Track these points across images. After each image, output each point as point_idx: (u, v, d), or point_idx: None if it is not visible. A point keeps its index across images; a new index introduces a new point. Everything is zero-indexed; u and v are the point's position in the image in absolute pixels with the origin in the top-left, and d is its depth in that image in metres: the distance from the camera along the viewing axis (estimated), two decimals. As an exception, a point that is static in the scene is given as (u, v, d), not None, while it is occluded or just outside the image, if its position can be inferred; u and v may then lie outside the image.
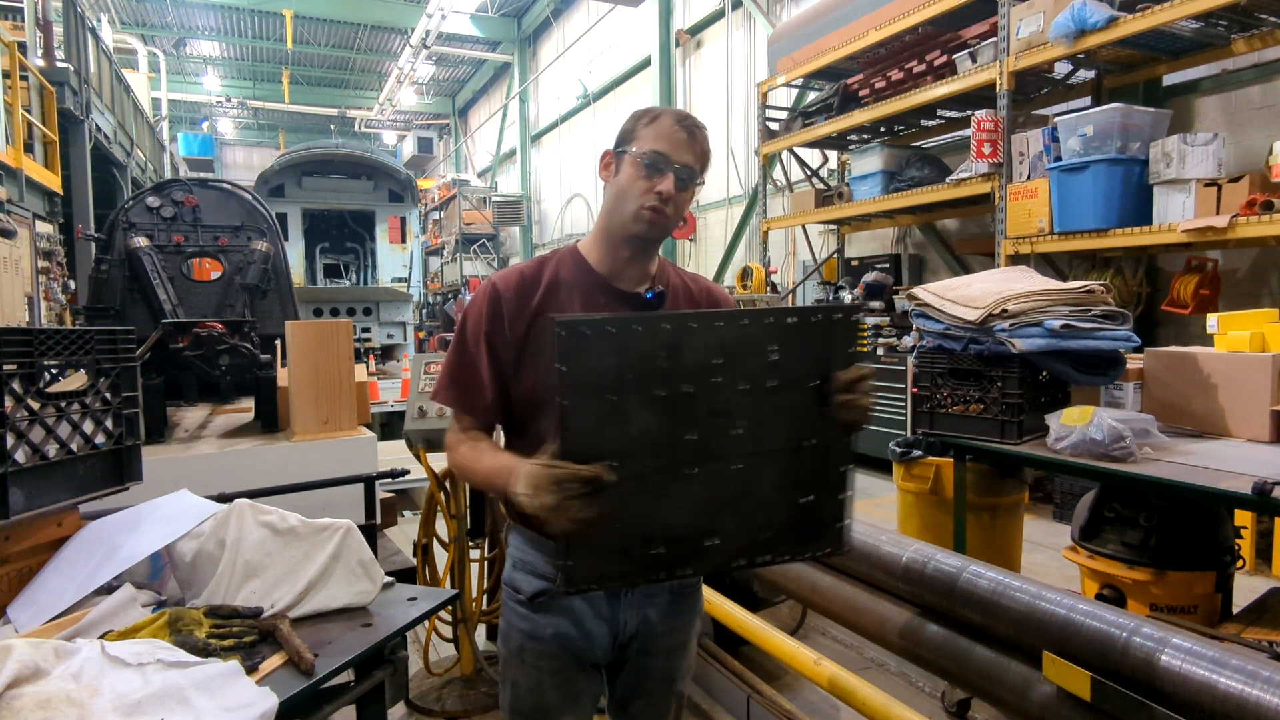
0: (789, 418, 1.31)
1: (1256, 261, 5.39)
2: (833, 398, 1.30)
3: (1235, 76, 5.55)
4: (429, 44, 16.08)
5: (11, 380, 1.53)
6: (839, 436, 1.34)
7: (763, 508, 1.33)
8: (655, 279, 1.58)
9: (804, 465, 1.34)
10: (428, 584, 3.06)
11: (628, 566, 1.27)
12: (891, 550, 1.92)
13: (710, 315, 1.27)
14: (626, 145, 1.48)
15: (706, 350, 1.22)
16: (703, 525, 1.30)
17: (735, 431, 1.26)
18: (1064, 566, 3.42)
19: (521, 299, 1.49)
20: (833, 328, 1.30)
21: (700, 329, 1.22)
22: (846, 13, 7.34)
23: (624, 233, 1.49)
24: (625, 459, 1.19)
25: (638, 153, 1.46)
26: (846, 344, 1.32)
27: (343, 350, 3.45)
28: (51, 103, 8.43)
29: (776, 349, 1.26)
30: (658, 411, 1.21)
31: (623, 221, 1.48)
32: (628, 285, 1.54)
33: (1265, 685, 1.25)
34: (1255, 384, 2.74)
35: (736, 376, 1.25)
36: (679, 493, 1.26)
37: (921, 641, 1.83)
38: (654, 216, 1.46)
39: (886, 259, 8.22)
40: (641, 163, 1.45)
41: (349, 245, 15.40)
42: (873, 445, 6.98)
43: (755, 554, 1.37)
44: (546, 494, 1.16)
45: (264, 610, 1.47)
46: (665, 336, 1.20)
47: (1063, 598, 1.58)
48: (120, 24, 17.66)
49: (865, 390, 1.31)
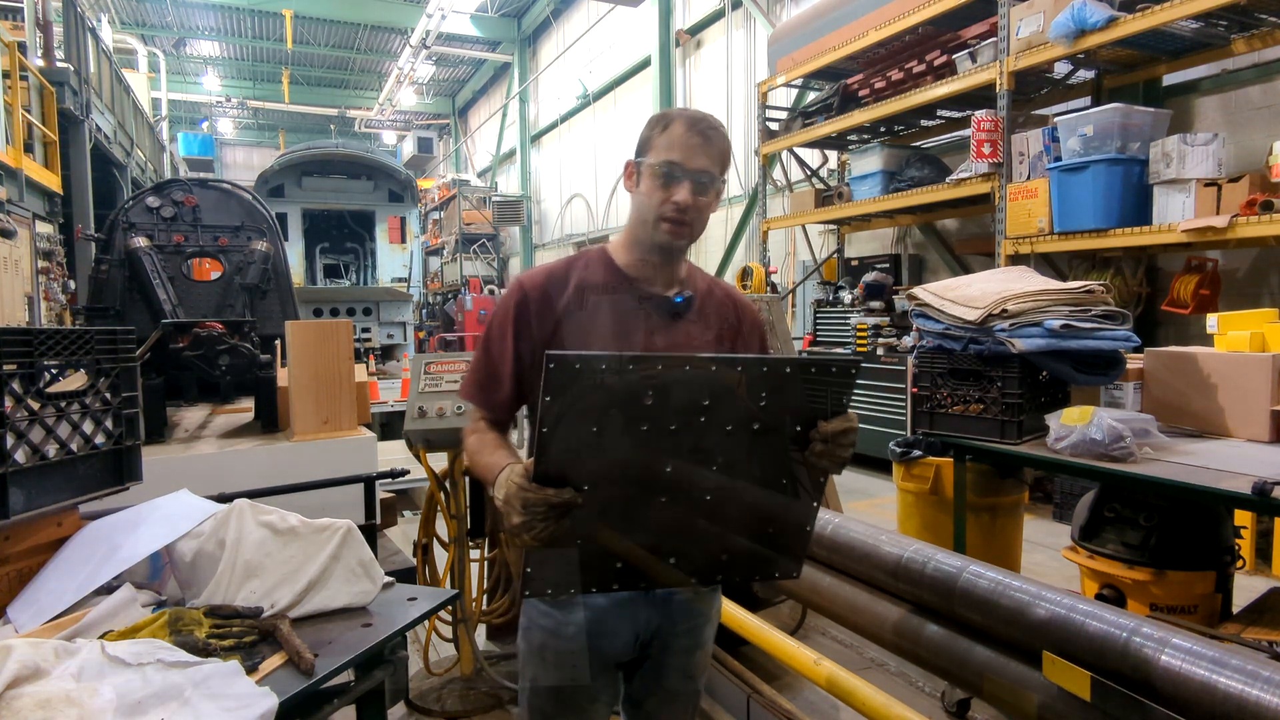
0: (766, 458, 1.33)
1: (1256, 261, 5.39)
2: (813, 444, 1.30)
3: (1235, 76, 5.55)
4: (429, 44, 16.09)
5: (11, 380, 1.53)
6: (813, 477, 1.36)
7: (727, 534, 1.36)
8: (684, 283, 1.59)
9: (773, 499, 1.36)
10: (428, 584, 3.06)
11: (586, 578, 1.32)
12: (891, 550, 1.92)
13: (706, 360, 1.26)
14: (644, 155, 1.50)
15: (696, 392, 1.22)
16: (665, 546, 1.33)
17: (711, 468, 1.28)
18: (1064, 566, 3.42)
19: (547, 300, 1.51)
20: (829, 378, 1.30)
21: (693, 372, 1.22)
22: (846, 13, 7.34)
23: (650, 241, 1.52)
24: (598, 485, 1.22)
25: (654, 163, 1.47)
26: (840, 394, 1.31)
27: (343, 350, 3.45)
28: (51, 103, 8.44)
29: (766, 396, 1.27)
30: (637, 445, 1.22)
31: (647, 231, 1.51)
32: (658, 289, 1.56)
33: (1265, 685, 1.25)
34: (1255, 384, 2.74)
35: (722, 419, 1.25)
36: (646, 517, 1.29)
37: (921, 641, 1.83)
38: (673, 227, 1.49)
39: (886, 259, 8.22)
40: (658, 173, 1.47)
41: (349, 245, 15.40)
42: (872, 445, 7.00)
43: (712, 574, 1.43)
44: (515, 513, 1.20)
45: (264, 610, 1.47)
46: (657, 377, 1.20)
47: (1062, 598, 1.58)
48: (120, 24, 17.66)
49: (847, 444, 1.31)
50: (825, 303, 8.34)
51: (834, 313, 8.02)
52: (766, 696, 2.67)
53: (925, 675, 3.09)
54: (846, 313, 7.78)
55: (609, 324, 1.51)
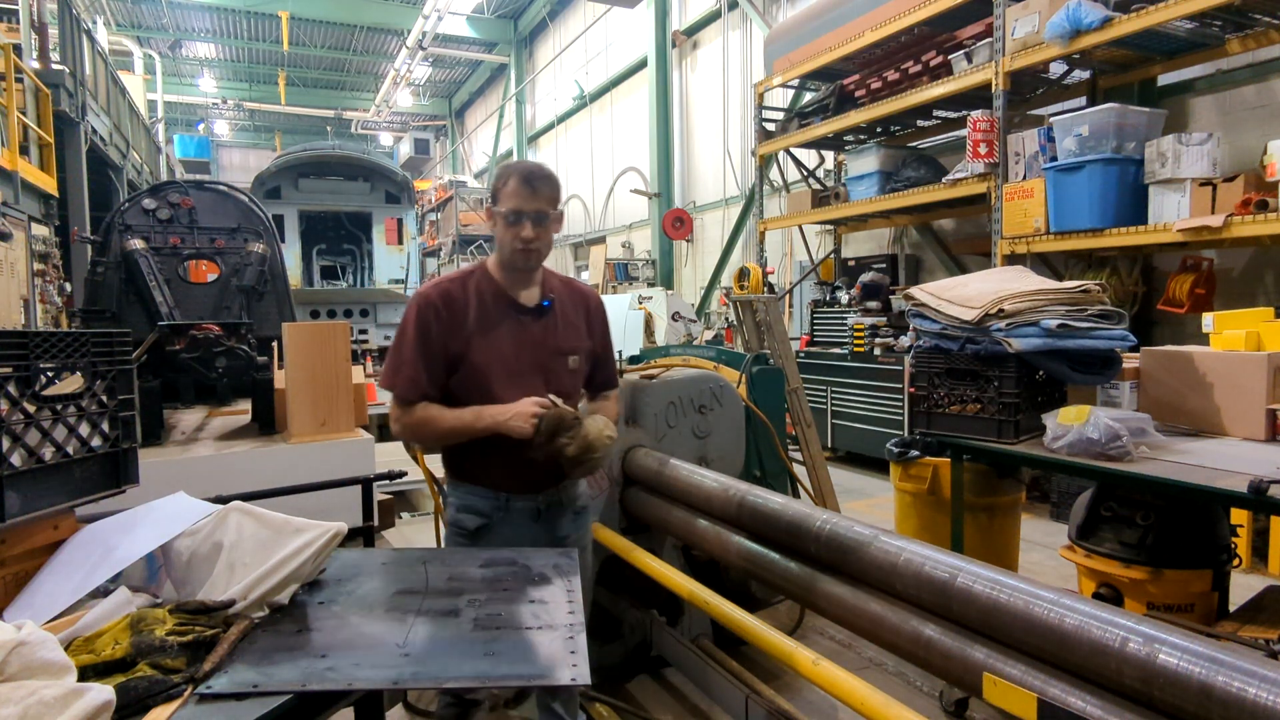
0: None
1: (1252, 261, 5.41)
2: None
3: (1230, 76, 5.57)
4: (425, 45, 16.08)
5: (7, 383, 1.53)
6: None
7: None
8: (544, 289, 2.14)
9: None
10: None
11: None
12: (888, 550, 1.92)
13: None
14: (495, 204, 2.03)
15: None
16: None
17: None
18: (1061, 565, 3.42)
19: (456, 310, 2.04)
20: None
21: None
22: (843, 14, 7.35)
23: (510, 265, 2.07)
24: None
25: (501, 211, 2.01)
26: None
27: (340, 352, 3.45)
28: (47, 105, 8.41)
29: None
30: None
31: (509, 258, 2.06)
32: (527, 299, 2.11)
33: (1263, 684, 1.25)
34: (1251, 383, 2.75)
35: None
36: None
37: (919, 641, 1.83)
38: (524, 255, 2.03)
39: (883, 259, 8.23)
40: (506, 219, 2.00)
41: (346, 247, 15.36)
42: (870, 445, 7.01)
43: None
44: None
45: (237, 601, 1.45)
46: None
47: (1060, 597, 1.58)
48: (116, 26, 17.64)
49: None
50: (822, 303, 8.34)
51: (831, 313, 8.03)
52: (765, 696, 2.67)
53: (923, 675, 3.09)
54: (844, 313, 7.78)
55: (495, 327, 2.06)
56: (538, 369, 2.08)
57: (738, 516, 2.46)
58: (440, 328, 2.02)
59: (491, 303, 2.07)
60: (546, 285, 2.16)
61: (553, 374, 2.11)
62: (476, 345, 2.04)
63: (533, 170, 2.01)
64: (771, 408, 3.64)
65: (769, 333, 4.48)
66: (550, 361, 2.11)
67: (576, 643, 1.41)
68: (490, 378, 2.03)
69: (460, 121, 25.59)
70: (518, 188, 1.98)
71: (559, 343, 2.13)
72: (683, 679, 3.13)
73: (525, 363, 2.07)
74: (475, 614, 1.51)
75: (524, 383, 2.04)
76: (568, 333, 2.15)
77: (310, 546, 1.55)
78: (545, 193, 2.00)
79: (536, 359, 2.09)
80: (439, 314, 2.02)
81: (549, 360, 2.11)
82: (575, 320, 2.18)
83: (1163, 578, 2.56)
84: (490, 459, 2.06)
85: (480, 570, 1.76)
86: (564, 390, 2.11)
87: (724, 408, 3.29)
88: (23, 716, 1.05)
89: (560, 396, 2.07)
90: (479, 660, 1.35)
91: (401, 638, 1.40)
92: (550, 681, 1.32)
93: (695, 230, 12.57)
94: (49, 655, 1.17)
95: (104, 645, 1.30)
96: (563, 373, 2.13)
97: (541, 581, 1.70)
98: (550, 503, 2.15)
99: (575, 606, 1.57)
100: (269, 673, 1.27)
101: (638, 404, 3.09)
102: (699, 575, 2.74)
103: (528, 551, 1.93)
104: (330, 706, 1.34)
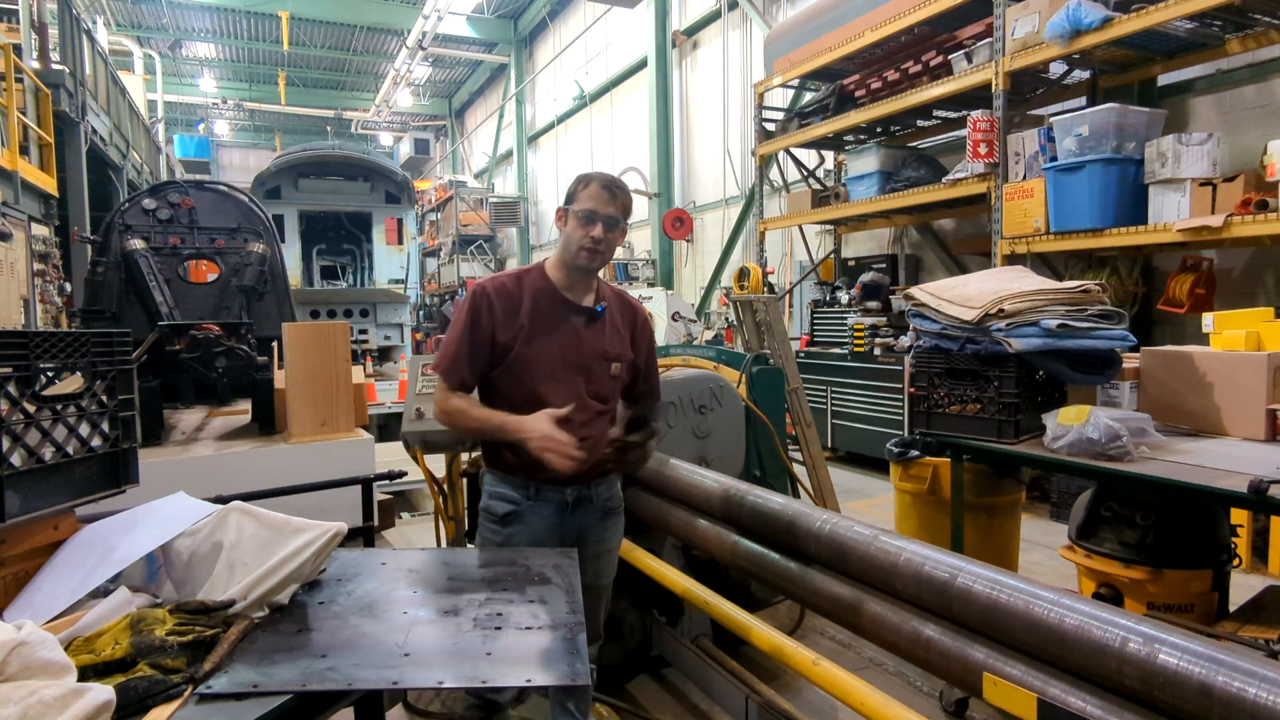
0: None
1: (1251, 260, 5.40)
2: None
3: (1230, 76, 5.57)
4: (425, 45, 16.07)
5: (7, 383, 1.53)
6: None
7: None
8: (599, 295, 2.23)
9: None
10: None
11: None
12: (888, 550, 1.92)
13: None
14: (571, 204, 2.13)
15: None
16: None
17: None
18: (1061, 565, 3.42)
19: (510, 305, 2.13)
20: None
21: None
22: (843, 14, 7.35)
23: (573, 264, 2.15)
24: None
25: (577, 210, 2.11)
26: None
27: (340, 352, 3.45)
28: (47, 105, 8.41)
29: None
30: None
31: (573, 256, 2.13)
32: (582, 300, 2.20)
33: (1263, 684, 1.25)
34: (1251, 383, 2.75)
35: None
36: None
37: (919, 641, 1.83)
38: (588, 255, 2.11)
39: (883, 259, 8.23)
40: (580, 217, 2.10)
41: (346, 247, 15.36)
42: (870, 445, 7.01)
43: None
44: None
45: (237, 601, 1.45)
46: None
47: (1060, 597, 1.58)
48: (116, 26, 17.63)
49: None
50: (822, 303, 8.34)
51: (831, 313, 8.03)
52: (765, 696, 2.67)
53: (923, 674, 3.09)
54: (844, 313, 7.78)
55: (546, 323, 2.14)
56: (581, 369, 2.16)
57: (738, 516, 2.46)
58: (490, 319, 2.10)
59: (545, 301, 2.16)
60: (600, 292, 2.25)
61: (595, 376, 2.18)
62: (525, 339, 2.12)
63: (613, 180, 2.15)
64: (771, 408, 3.64)
65: (769, 333, 4.47)
66: (594, 364, 2.18)
67: (577, 643, 1.41)
68: (533, 372, 2.12)
69: (460, 121, 25.59)
70: (598, 191, 2.10)
71: (606, 347, 2.20)
72: (683, 679, 3.14)
73: (571, 362, 2.14)
74: (475, 614, 1.51)
75: (565, 381, 2.13)
76: (615, 339, 2.23)
77: (310, 546, 1.55)
78: (621, 201, 2.13)
79: (581, 360, 2.16)
80: (491, 306, 2.11)
81: (593, 363, 2.18)
82: (623, 330, 2.27)
83: (1163, 578, 2.56)
84: (521, 449, 2.08)
85: (480, 570, 1.76)
86: (602, 393, 2.20)
87: (724, 408, 3.29)
88: (23, 716, 1.05)
89: (598, 400, 2.19)
90: (479, 660, 1.35)
91: (401, 638, 1.40)
92: (550, 681, 1.32)
93: (695, 230, 12.56)
94: (49, 655, 1.17)
95: (104, 645, 1.30)
96: (605, 376, 2.20)
97: (541, 581, 1.70)
98: (579, 498, 2.19)
99: (575, 606, 1.57)
100: (269, 673, 1.27)
101: (638, 404, 3.09)
102: (699, 575, 2.75)
103: (527, 551, 1.94)
104: (330, 706, 1.34)
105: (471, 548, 2.06)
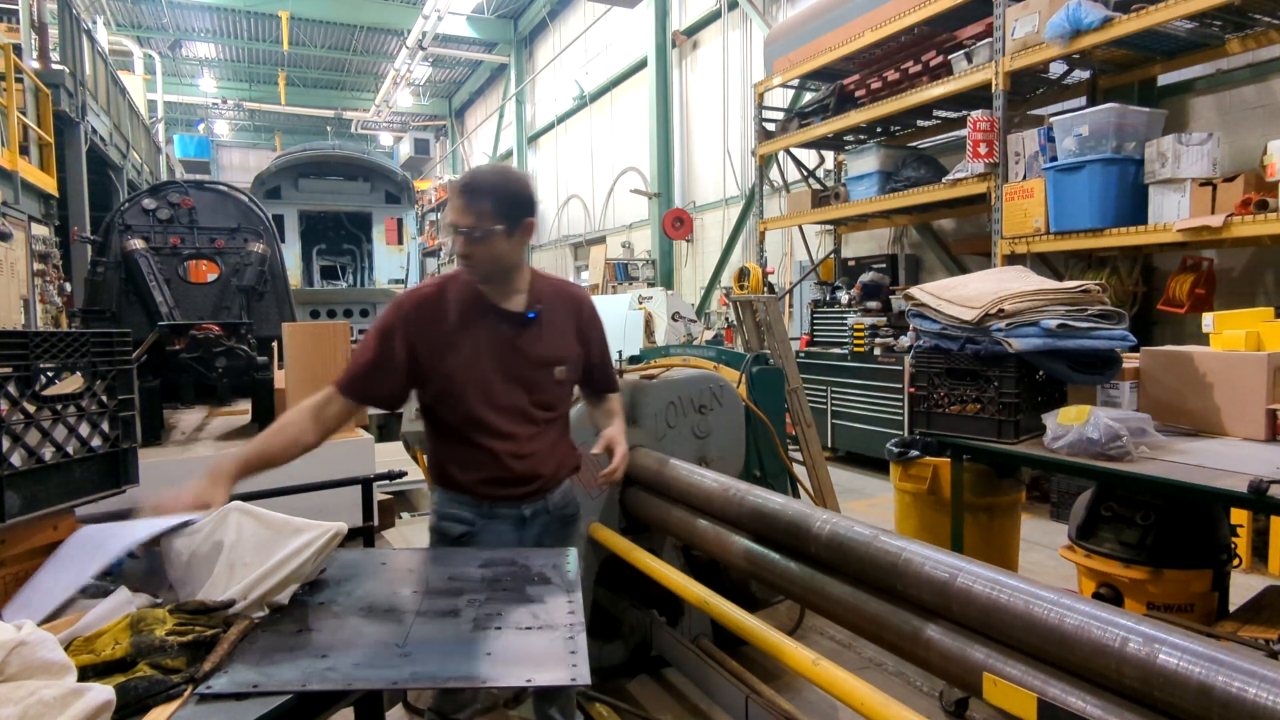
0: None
1: (1251, 260, 5.40)
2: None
3: (1230, 76, 5.57)
4: (425, 45, 16.08)
5: (7, 383, 1.53)
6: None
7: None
8: (532, 295, 2.05)
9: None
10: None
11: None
12: (888, 550, 1.92)
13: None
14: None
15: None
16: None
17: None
18: (1061, 565, 3.42)
19: (432, 318, 1.98)
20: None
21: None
22: (843, 13, 7.35)
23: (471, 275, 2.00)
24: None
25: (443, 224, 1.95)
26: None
27: (340, 352, 3.45)
28: (47, 105, 8.41)
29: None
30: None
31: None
32: (509, 306, 2.02)
33: (1263, 684, 1.25)
34: (1251, 383, 2.75)
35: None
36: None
37: (919, 641, 1.83)
38: (466, 268, 1.97)
39: (883, 259, 8.23)
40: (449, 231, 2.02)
41: (346, 247, 15.36)
42: (870, 445, 7.01)
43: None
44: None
45: (237, 601, 1.45)
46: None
47: (1060, 597, 1.58)
48: (116, 26, 17.63)
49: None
50: (822, 303, 8.34)
51: (831, 313, 8.03)
52: (765, 696, 2.67)
53: (923, 675, 3.09)
54: (844, 313, 7.78)
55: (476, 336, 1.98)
56: (520, 381, 2.02)
57: (738, 516, 2.46)
58: (406, 332, 1.95)
59: (472, 310, 2.00)
60: (535, 292, 2.06)
61: (537, 385, 2.04)
62: (451, 355, 1.97)
63: (475, 180, 1.94)
64: (771, 408, 3.64)
65: (769, 333, 4.47)
66: (535, 373, 2.04)
67: (576, 643, 1.41)
68: (467, 390, 1.97)
69: (460, 121, 25.59)
70: (454, 200, 1.93)
71: (544, 353, 2.05)
72: (683, 679, 3.13)
73: (509, 374, 2.00)
74: (475, 614, 1.51)
75: (505, 396, 2.00)
76: (555, 342, 2.07)
77: (310, 546, 1.55)
78: (482, 206, 1.90)
79: (520, 370, 2.02)
80: (408, 321, 1.97)
81: (533, 372, 2.04)
82: (565, 327, 2.10)
83: (1163, 578, 2.56)
84: (470, 467, 2.03)
85: (480, 570, 1.76)
86: (548, 401, 2.06)
87: (724, 408, 3.29)
88: (23, 716, 1.05)
89: (544, 409, 2.05)
90: (479, 660, 1.35)
91: (401, 638, 1.40)
92: (550, 682, 1.32)
93: (695, 230, 12.56)
94: (49, 655, 1.17)
95: (104, 645, 1.30)
96: (548, 384, 2.06)
97: (541, 581, 1.70)
98: (535, 510, 2.11)
99: (575, 606, 1.57)
100: (269, 673, 1.27)
101: (638, 404, 3.09)
102: (699, 575, 2.74)
103: (527, 552, 1.94)
104: (330, 706, 1.34)
105: (471, 548, 2.05)
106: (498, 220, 1.90)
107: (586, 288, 14.97)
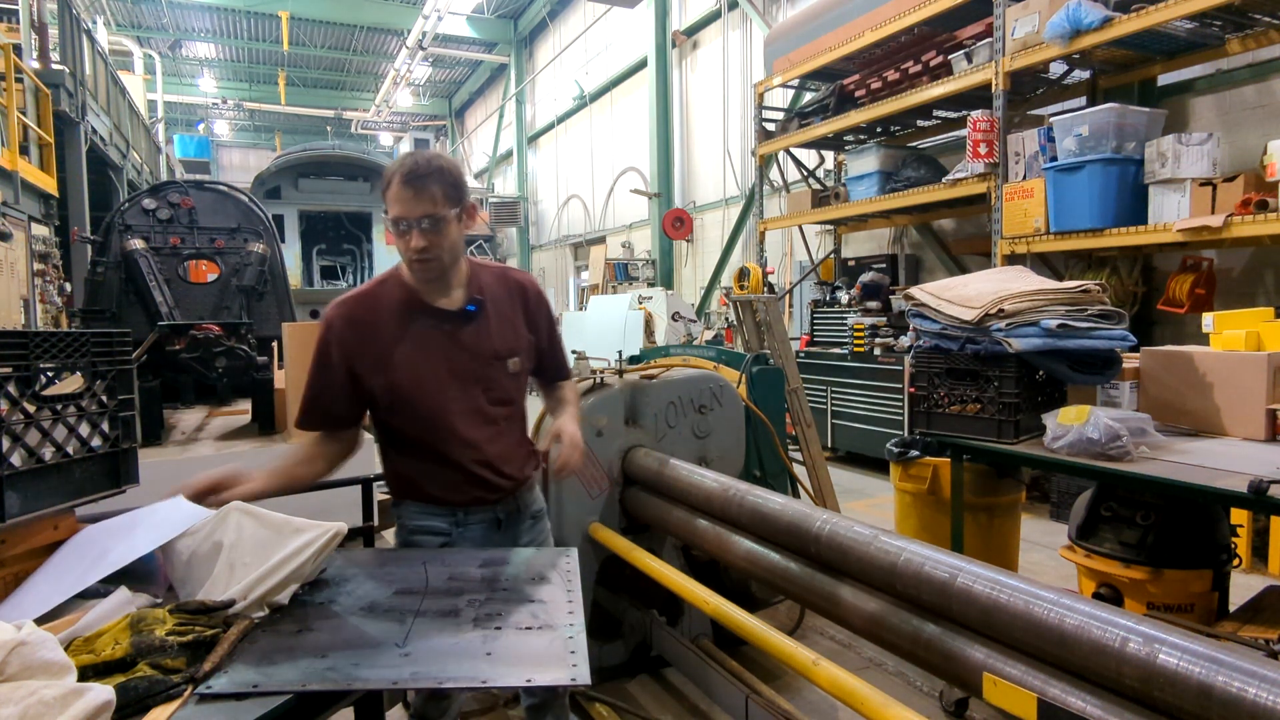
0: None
1: (1251, 260, 5.40)
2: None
3: (1230, 76, 5.57)
4: (425, 45, 16.08)
5: (7, 383, 1.53)
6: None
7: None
8: (471, 287, 1.94)
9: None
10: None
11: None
12: (889, 550, 1.92)
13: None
14: (385, 213, 1.83)
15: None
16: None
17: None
18: (1061, 565, 3.42)
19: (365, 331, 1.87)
20: None
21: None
22: (843, 13, 7.35)
23: (415, 277, 1.88)
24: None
25: (388, 220, 1.82)
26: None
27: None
28: (47, 105, 8.40)
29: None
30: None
31: (411, 271, 1.88)
32: (447, 304, 1.92)
33: (1264, 684, 1.25)
34: (1251, 383, 2.75)
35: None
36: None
37: (919, 641, 1.83)
38: (421, 266, 1.83)
39: (883, 259, 8.22)
40: (394, 227, 1.81)
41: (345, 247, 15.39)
42: (870, 445, 7.01)
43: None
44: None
45: (237, 601, 1.45)
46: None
47: (1060, 597, 1.58)
48: (116, 26, 17.63)
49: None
50: (822, 303, 8.34)
51: (831, 313, 8.03)
52: (765, 697, 2.66)
53: (923, 674, 3.09)
54: (844, 313, 7.78)
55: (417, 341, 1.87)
56: (474, 379, 1.93)
57: (738, 516, 2.46)
58: (341, 352, 1.86)
59: (408, 315, 1.89)
60: (474, 283, 1.96)
61: (492, 380, 1.95)
62: (395, 365, 1.87)
63: (417, 166, 1.78)
64: (771, 408, 3.64)
65: (769, 333, 4.47)
66: (487, 368, 1.94)
67: (576, 642, 1.41)
68: (417, 398, 1.88)
69: (460, 121, 25.59)
70: (399, 190, 1.77)
71: (495, 346, 1.95)
72: (683, 679, 3.13)
73: (462, 374, 1.91)
74: (475, 614, 1.51)
75: (460, 398, 1.91)
76: (503, 333, 1.97)
77: (310, 546, 1.55)
78: (433, 191, 1.77)
79: (472, 367, 1.92)
80: (341, 338, 1.87)
81: (486, 367, 1.94)
82: (512, 315, 2.01)
83: (1163, 578, 2.56)
84: (435, 477, 1.97)
85: (480, 570, 1.76)
86: (505, 396, 1.99)
87: (724, 408, 3.29)
88: (23, 716, 1.05)
89: (502, 404, 1.97)
90: (479, 660, 1.35)
91: (401, 638, 1.40)
92: (550, 681, 1.32)
93: (695, 230, 12.56)
94: (49, 655, 1.17)
95: (104, 645, 1.30)
96: (502, 378, 1.97)
97: (541, 581, 1.70)
98: (509, 511, 2.07)
99: (575, 606, 1.57)
100: (269, 673, 1.27)
101: (638, 404, 3.09)
102: (699, 575, 2.74)
103: (527, 552, 1.94)
104: (330, 706, 1.34)
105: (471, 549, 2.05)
106: (449, 205, 1.80)
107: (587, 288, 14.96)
